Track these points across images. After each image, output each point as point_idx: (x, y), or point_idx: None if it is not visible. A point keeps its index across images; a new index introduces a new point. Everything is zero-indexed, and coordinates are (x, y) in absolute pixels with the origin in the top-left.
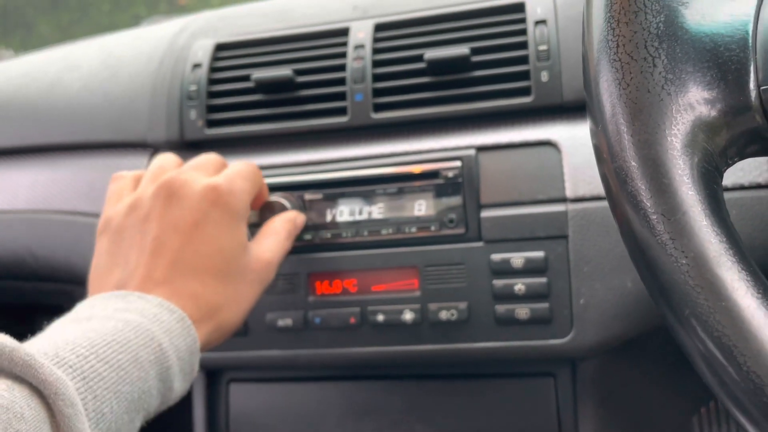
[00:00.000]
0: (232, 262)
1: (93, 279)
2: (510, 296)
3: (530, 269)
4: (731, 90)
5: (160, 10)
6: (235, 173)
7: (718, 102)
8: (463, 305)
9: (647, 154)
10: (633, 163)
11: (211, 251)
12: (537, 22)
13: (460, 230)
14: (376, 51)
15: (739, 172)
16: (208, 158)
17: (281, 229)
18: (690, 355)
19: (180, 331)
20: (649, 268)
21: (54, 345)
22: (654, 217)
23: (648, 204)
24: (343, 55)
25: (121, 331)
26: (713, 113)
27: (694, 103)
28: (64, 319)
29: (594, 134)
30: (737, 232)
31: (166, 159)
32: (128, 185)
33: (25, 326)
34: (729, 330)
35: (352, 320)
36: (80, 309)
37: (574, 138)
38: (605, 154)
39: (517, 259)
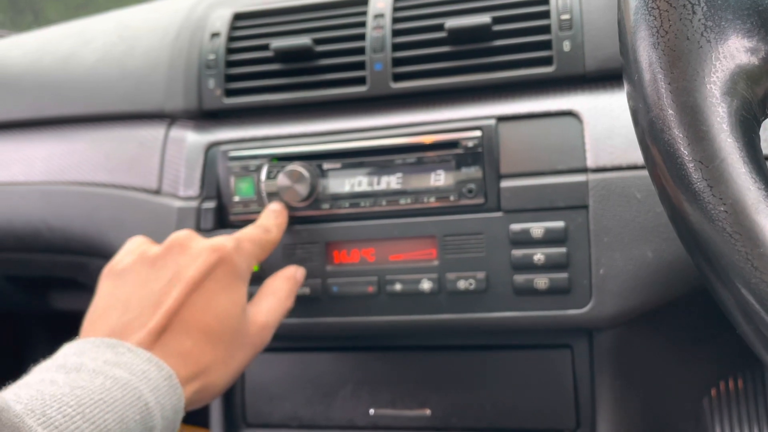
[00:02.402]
0: (226, 324)
1: (89, 320)
2: (529, 266)
3: (550, 239)
4: None
5: None
6: (246, 237)
7: (758, 50)
8: (481, 275)
9: (685, 102)
10: (670, 111)
11: (209, 310)
12: None
13: (479, 200)
14: (396, 20)
15: (764, 143)
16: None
17: (282, 288)
18: (725, 306)
19: (167, 389)
20: (686, 219)
21: (42, 401)
22: (691, 165)
23: (686, 152)
24: (363, 24)
25: (108, 389)
26: (753, 61)
27: (734, 51)
28: (52, 363)
29: (630, 95)
30: None
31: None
32: (146, 241)
33: (38, 298)
34: (767, 276)
35: (370, 289)
36: (68, 353)
37: (595, 108)
38: (641, 105)
39: (537, 229)
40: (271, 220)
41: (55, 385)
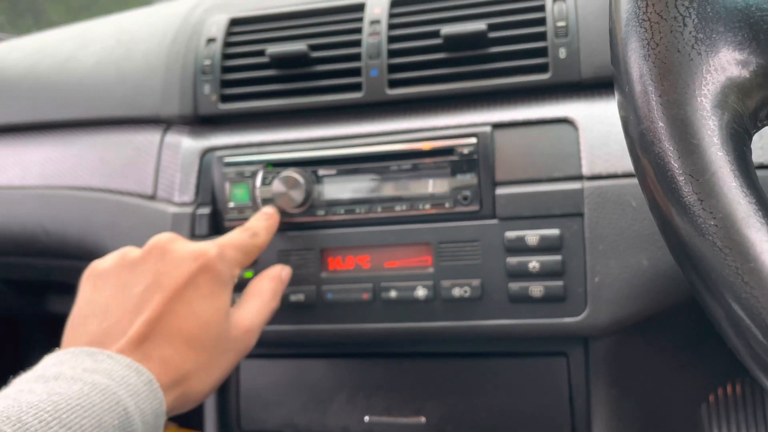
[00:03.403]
0: (208, 331)
1: (70, 327)
2: (524, 274)
3: (545, 247)
4: (763, 51)
5: None
6: (230, 244)
7: (749, 63)
8: (476, 282)
9: (676, 114)
10: (661, 124)
11: (190, 316)
12: None
13: (475, 207)
14: (392, 26)
15: (759, 151)
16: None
17: (266, 289)
18: (715, 319)
19: (147, 394)
20: (676, 232)
21: (18, 408)
22: (682, 178)
23: (676, 165)
24: (359, 30)
25: (86, 395)
26: (744, 74)
27: (725, 63)
28: (32, 374)
29: (621, 105)
30: (766, 194)
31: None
32: (132, 248)
33: (35, 302)
34: (757, 291)
35: (365, 296)
36: (48, 364)
37: (591, 115)
38: (632, 116)
39: (532, 236)
40: (261, 222)
41: (33, 393)
